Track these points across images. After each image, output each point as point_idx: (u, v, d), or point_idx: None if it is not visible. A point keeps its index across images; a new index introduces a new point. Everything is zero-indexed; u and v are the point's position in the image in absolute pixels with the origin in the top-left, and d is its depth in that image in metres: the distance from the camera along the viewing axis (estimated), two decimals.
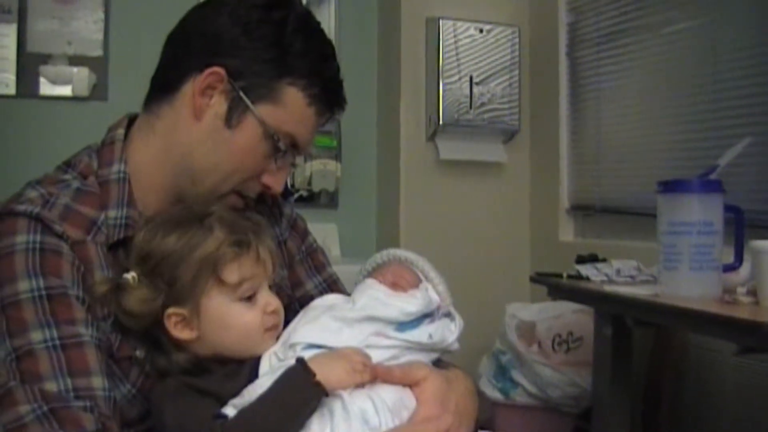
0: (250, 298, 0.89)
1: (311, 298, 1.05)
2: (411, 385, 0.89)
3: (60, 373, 0.81)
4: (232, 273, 0.88)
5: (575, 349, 1.91)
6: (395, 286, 0.99)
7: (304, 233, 1.13)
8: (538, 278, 1.73)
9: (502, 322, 2.05)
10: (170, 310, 0.86)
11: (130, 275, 0.87)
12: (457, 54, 2.41)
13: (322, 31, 0.98)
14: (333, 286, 1.11)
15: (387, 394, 0.86)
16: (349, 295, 1.05)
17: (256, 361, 0.88)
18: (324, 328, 0.91)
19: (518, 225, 2.55)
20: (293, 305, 1.00)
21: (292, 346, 0.89)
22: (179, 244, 0.88)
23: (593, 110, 2.29)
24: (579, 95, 2.36)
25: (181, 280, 0.86)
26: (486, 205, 2.53)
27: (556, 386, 1.90)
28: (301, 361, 0.83)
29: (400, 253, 1.05)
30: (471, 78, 2.41)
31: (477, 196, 2.52)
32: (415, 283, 1.01)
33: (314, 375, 0.81)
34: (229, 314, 0.88)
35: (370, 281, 0.99)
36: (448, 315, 1.00)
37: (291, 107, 0.93)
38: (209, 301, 0.87)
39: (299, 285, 1.09)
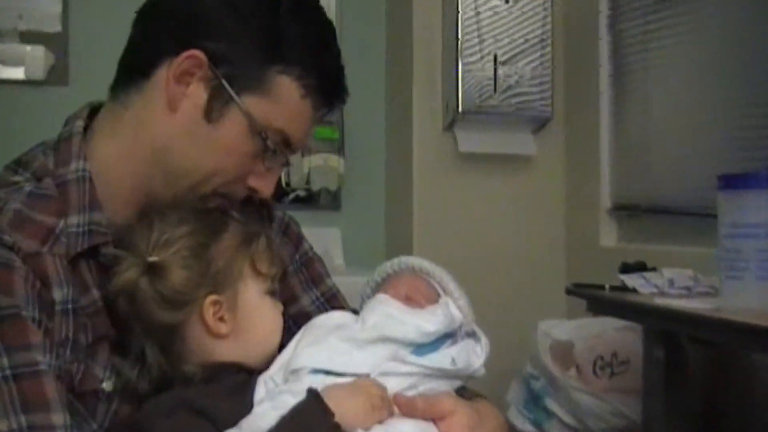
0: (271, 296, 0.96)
1: (308, 315, 1.05)
2: (436, 419, 0.89)
3: (13, 408, 0.80)
4: (264, 263, 0.94)
5: (620, 373, 1.89)
6: (410, 300, 0.99)
7: (298, 240, 1.12)
8: (575, 290, 1.72)
9: (534, 342, 2.03)
10: (212, 297, 0.90)
11: (156, 258, 0.88)
12: (478, 29, 2.39)
13: (321, 11, 0.98)
14: (333, 300, 1.11)
15: (407, 428, 0.86)
16: (354, 311, 1.05)
17: (253, 384, 0.90)
18: (331, 350, 0.91)
19: (551, 228, 2.53)
20: (287, 323, 1.00)
21: (295, 371, 0.89)
22: (204, 228, 0.91)
23: (640, 93, 2.27)
24: (623, 75, 2.34)
25: (215, 263, 0.90)
26: (513, 205, 2.51)
27: (598, 417, 1.88)
28: (315, 396, 0.83)
29: (413, 261, 1.05)
30: (495, 57, 2.40)
31: (503, 195, 2.50)
32: (433, 298, 1.01)
33: (333, 415, 0.82)
34: (263, 306, 0.94)
35: (382, 296, 0.99)
36: (471, 335, 1.00)
37: (282, 99, 0.93)
38: (246, 289, 0.92)
39: (293, 300, 1.09)
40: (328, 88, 0.96)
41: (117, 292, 0.89)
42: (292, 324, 1.03)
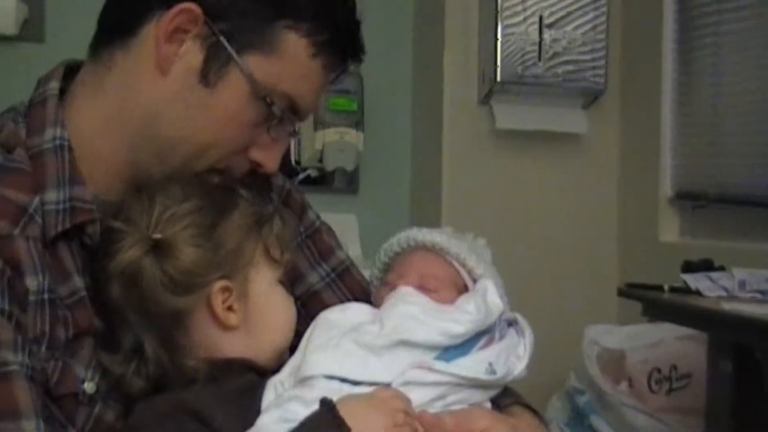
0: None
1: (316, 294, 1.07)
2: None
3: None
4: (277, 248, 0.95)
5: (680, 389, 1.90)
6: (424, 290, 0.99)
7: (302, 209, 1.13)
8: (629, 291, 1.72)
9: (579, 351, 2.03)
10: (222, 283, 0.91)
11: (161, 235, 0.89)
12: None
13: None
14: (345, 275, 1.12)
15: None
16: (369, 290, 1.07)
17: (263, 387, 0.91)
18: (346, 355, 0.91)
19: (603, 219, 2.52)
20: (295, 305, 1.01)
21: (305, 380, 0.89)
22: (212, 205, 0.92)
23: (710, 62, 2.25)
24: (690, 41, 2.31)
25: (225, 245, 0.91)
26: (559, 191, 2.50)
27: None
28: (330, 408, 0.84)
29: (424, 236, 1.04)
30: (540, 18, 2.38)
31: (547, 180, 2.50)
32: (453, 281, 1.01)
33: (349, 431, 0.83)
34: (276, 296, 0.96)
35: (404, 291, 0.99)
36: (512, 324, 1.00)
37: (290, 59, 0.93)
38: (257, 275, 0.94)
39: (300, 278, 1.09)
40: (341, 45, 0.96)
41: (116, 273, 0.89)
42: (300, 306, 1.04)
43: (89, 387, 0.90)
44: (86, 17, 0.99)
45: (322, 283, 1.10)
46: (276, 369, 0.93)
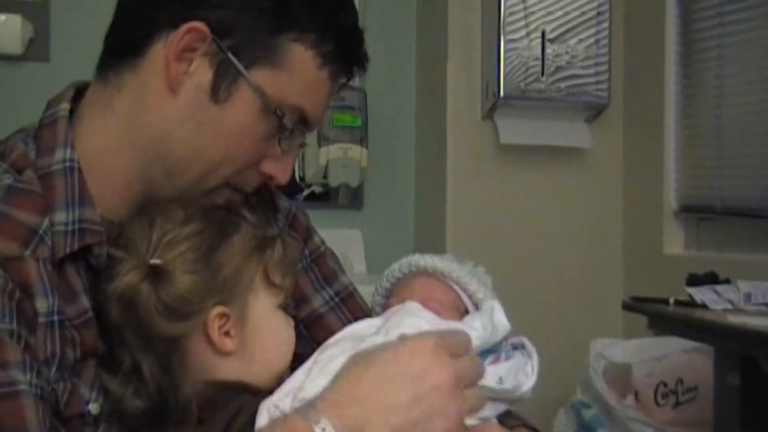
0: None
1: (320, 317, 1.07)
2: None
3: None
4: (278, 273, 0.95)
5: (687, 402, 1.89)
6: None
7: (308, 233, 1.13)
8: (634, 304, 1.71)
9: (585, 365, 2.03)
10: (218, 309, 0.91)
11: (159, 261, 0.89)
12: (524, 0, 2.38)
13: None
14: (349, 300, 1.11)
15: None
16: (371, 315, 1.06)
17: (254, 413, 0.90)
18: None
19: (607, 232, 2.52)
20: (297, 329, 1.01)
21: (313, 402, 0.87)
22: (212, 228, 0.92)
23: (712, 75, 2.25)
24: (693, 54, 2.32)
25: (223, 270, 0.91)
26: (563, 205, 2.50)
27: None
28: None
29: (425, 261, 1.04)
30: (543, 33, 2.39)
31: (551, 194, 2.50)
32: (454, 304, 1.01)
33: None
34: (274, 322, 0.95)
35: (411, 306, 0.98)
36: (519, 347, 0.99)
37: (297, 71, 0.94)
38: (256, 302, 0.93)
39: (304, 301, 1.09)
40: (347, 54, 0.97)
41: (114, 297, 0.89)
42: (303, 329, 1.04)
43: (94, 408, 0.89)
44: (91, 37, 0.99)
45: (326, 307, 1.10)
46: (273, 388, 0.92)
